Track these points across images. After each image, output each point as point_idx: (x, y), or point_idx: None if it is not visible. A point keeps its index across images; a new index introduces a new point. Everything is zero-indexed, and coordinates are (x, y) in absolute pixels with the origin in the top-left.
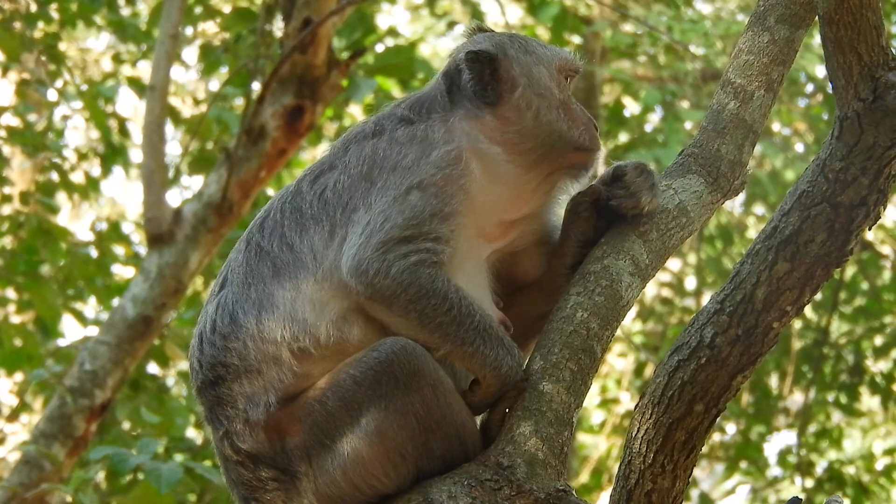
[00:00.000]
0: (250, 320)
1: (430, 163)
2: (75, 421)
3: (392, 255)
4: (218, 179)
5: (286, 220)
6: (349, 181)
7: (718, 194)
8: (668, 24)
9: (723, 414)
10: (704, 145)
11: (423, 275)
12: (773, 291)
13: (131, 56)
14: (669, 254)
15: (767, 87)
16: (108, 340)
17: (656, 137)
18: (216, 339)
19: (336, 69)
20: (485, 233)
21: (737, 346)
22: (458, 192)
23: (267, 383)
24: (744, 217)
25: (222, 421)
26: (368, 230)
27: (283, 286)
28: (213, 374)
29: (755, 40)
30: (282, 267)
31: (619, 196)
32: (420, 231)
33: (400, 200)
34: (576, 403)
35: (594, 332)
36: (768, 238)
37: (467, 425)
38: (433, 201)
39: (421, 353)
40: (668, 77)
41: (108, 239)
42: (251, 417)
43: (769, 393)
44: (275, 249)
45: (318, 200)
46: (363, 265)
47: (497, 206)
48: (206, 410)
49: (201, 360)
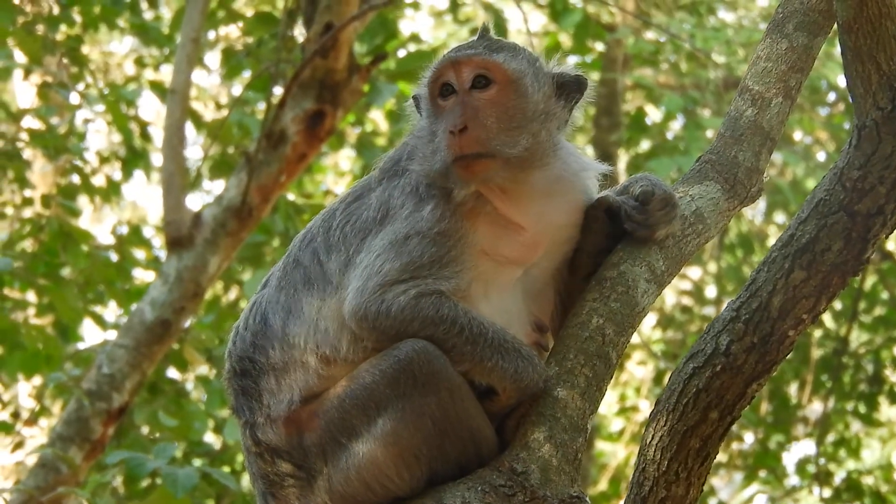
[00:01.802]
0: (278, 323)
1: (424, 217)
2: (93, 424)
3: (391, 294)
4: (238, 183)
5: (319, 236)
6: (364, 221)
7: (735, 201)
8: (691, 32)
9: (741, 422)
10: (722, 152)
11: (426, 305)
12: (789, 299)
13: (153, 60)
14: (686, 260)
15: (785, 94)
16: (127, 344)
17: (678, 145)
18: (247, 335)
19: (357, 74)
20: (507, 259)
21: (752, 353)
22: (457, 242)
23: (292, 382)
24: (764, 225)
25: (245, 411)
26: (367, 273)
27: (311, 295)
28: (240, 366)
29: (773, 47)
30: (312, 278)
31: (637, 222)
32: (419, 274)
33: (398, 245)
34: (590, 409)
35: (610, 338)
36: (785, 246)
37: (483, 430)
38: (432, 249)
39: (441, 357)
40: (690, 85)
41: (129, 242)
42: (273, 412)
43: (788, 402)
44: (307, 262)
45: (340, 230)
46: (361, 310)
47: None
48: (233, 398)
49: (232, 351)
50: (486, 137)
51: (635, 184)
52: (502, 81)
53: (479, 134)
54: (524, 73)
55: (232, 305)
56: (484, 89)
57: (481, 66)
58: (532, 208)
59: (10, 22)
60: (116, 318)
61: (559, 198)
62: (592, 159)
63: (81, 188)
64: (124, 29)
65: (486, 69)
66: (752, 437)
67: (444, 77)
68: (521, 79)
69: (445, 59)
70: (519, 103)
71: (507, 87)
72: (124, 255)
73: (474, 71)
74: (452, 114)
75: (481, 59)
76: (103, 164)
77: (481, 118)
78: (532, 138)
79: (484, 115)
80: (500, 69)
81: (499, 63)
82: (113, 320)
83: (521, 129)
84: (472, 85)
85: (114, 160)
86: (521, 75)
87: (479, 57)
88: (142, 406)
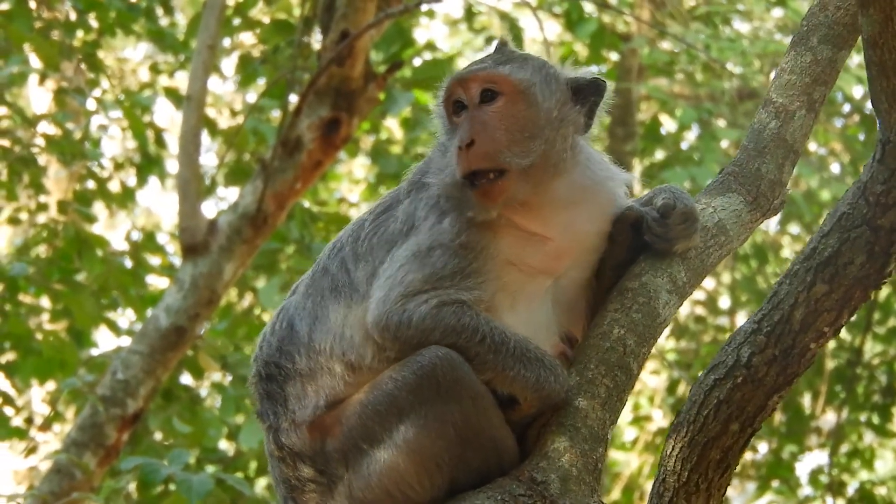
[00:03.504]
0: (304, 329)
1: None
2: (107, 430)
3: (412, 303)
4: (253, 191)
5: (348, 246)
6: (391, 233)
7: (758, 213)
8: (706, 43)
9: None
10: (745, 164)
11: (447, 314)
12: (810, 312)
13: (169, 66)
14: (708, 272)
15: (809, 106)
16: (141, 350)
17: (692, 155)
18: (273, 340)
19: (373, 82)
20: (534, 269)
21: (773, 365)
22: (479, 254)
23: (319, 388)
24: (779, 236)
25: (270, 415)
26: (389, 283)
27: (337, 303)
28: (265, 370)
29: (798, 60)
30: (339, 286)
31: (656, 234)
32: (441, 285)
33: (421, 256)
34: (611, 420)
35: (631, 349)
36: (807, 259)
37: (505, 439)
38: (454, 260)
39: (464, 365)
40: (705, 95)
41: (144, 249)
42: (298, 417)
43: (802, 412)
44: (334, 270)
45: (368, 241)
46: (383, 320)
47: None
48: (258, 402)
49: (258, 356)
50: (495, 150)
51: (658, 195)
52: (509, 92)
53: (487, 147)
54: (531, 83)
55: (246, 312)
56: (492, 102)
57: (487, 80)
58: (557, 217)
59: (26, 27)
60: (131, 325)
61: (585, 206)
62: (618, 167)
63: (97, 194)
64: (140, 35)
65: (493, 82)
66: (766, 447)
67: (454, 95)
68: (529, 88)
69: (454, 77)
70: (528, 112)
71: (514, 98)
72: (139, 261)
73: (481, 86)
74: (462, 128)
75: (486, 74)
76: (118, 170)
77: (490, 131)
78: (546, 145)
79: (493, 128)
80: (505, 81)
81: (504, 75)
82: (127, 326)
83: (533, 137)
84: (481, 99)
85: (129, 166)
86: (529, 85)
87: (485, 72)
88: (156, 412)
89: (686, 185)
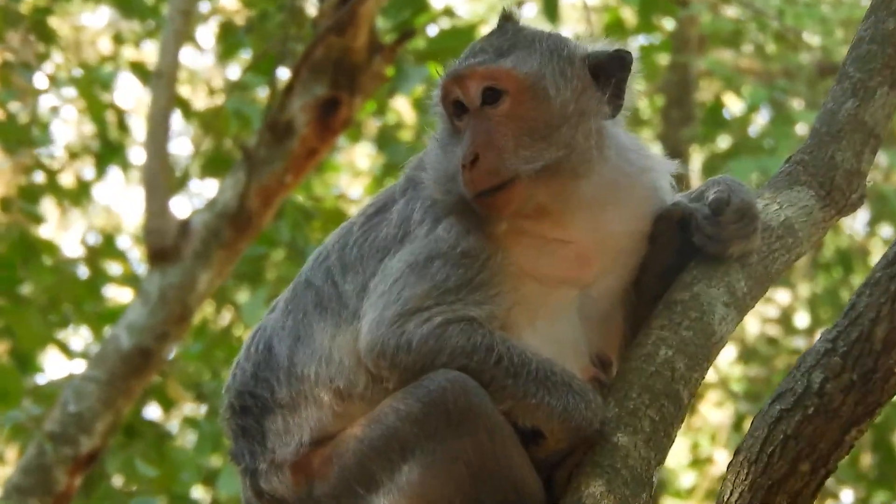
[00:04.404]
0: (284, 352)
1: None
2: (56, 473)
3: (411, 324)
4: (234, 185)
5: (334, 254)
6: (383, 239)
7: (832, 210)
8: (779, 8)
9: (838, 477)
10: (816, 151)
11: (454, 333)
12: (895, 329)
13: (134, 36)
14: (773, 280)
15: (892, 82)
16: (98, 377)
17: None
18: (248, 366)
19: (379, 55)
20: (555, 279)
21: (851, 393)
22: (487, 261)
23: (303, 421)
24: (867, 240)
25: (245, 456)
26: (383, 302)
27: (324, 321)
28: (239, 402)
29: (878, 27)
30: (325, 301)
31: (707, 235)
32: (445, 300)
33: (419, 268)
34: (656, 459)
35: (680, 374)
36: (891, 265)
37: (527, 481)
38: (459, 271)
39: (479, 391)
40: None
41: (102, 255)
42: (279, 456)
43: (894, 453)
44: (319, 282)
45: (358, 248)
46: (378, 345)
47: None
48: (232, 441)
49: (231, 385)
50: (503, 163)
51: (710, 188)
52: (515, 90)
53: (493, 163)
54: (542, 74)
55: (225, 331)
56: (495, 104)
57: (487, 78)
58: (579, 218)
59: None
60: (86, 346)
61: (616, 204)
62: (660, 155)
63: (46, 189)
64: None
65: (494, 80)
66: (852, 496)
67: (452, 94)
68: (539, 81)
69: (449, 73)
70: (540, 111)
71: (521, 96)
72: (96, 269)
73: (481, 84)
74: (464, 141)
75: (486, 70)
76: (73, 160)
77: (496, 140)
78: (564, 147)
79: (499, 136)
80: (509, 76)
81: (506, 70)
82: (81, 348)
83: (547, 139)
84: (483, 101)
85: (85, 156)
86: (538, 77)
87: (483, 67)
88: (116, 452)
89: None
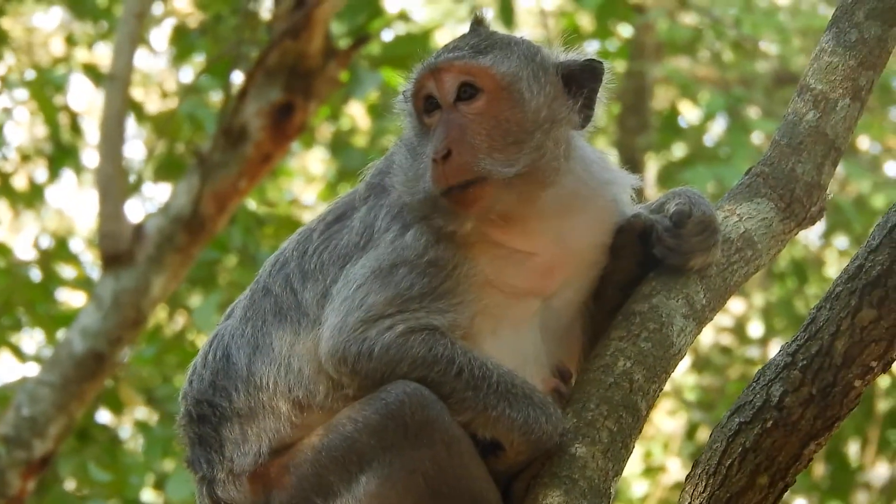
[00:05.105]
0: (242, 360)
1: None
2: (9, 477)
3: (374, 330)
4: (188, 189)
5: (293, 261)
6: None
7: (792, 223)
8: (736, 17)
9: (793, 487)
10: (776, 163)
11: (416, 342)
12: (855, 343)
13: (87, 37)
14: (731, 292)
15: (854, 94)
16: (52, 381)
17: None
18: (206, 373)
19: (334, 59)
20: (518, 290)
21: (810, 407)
22: (452, 271)
23: (261, 431)
24: (822, 251)
25: (202, 464)
26: (345, 307)
27: (282, 329)
28: (197, 410)
29: (840, 38)
30: (284, 309)
31: (668, 247)
32: (408, 308)
33: (383, 275)
34: (614, 470)
35: (638, 385)
36: (851, 279)
37: (486, 493)
38: (423, 279)
39: (437, 403)
40: (735, 79)
41: (54, 258)
42: (236, 465)
43: (847, 463)
44: (278, 290)
45: (318, 256)
46: (339, 351)
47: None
48: (188, 449)
49: (188, 392)
50: (475, 160)
51: (671, 200)
52: (491, 89)
53: (466, 159)
54: (518, 77)
55: (178, 336)
56: (470, 101)
57: (465, 73)
58: (543, 229)
59: None
60: (38, 350)
61: (579, 215)
62: (620, 168)
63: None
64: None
65: (472, 76)
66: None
67: (425, 89)
68: (515, 83)
69: (425, 66)
70: (514, 113)
71: (497, 96)
72: (49, 272)
73: (458, 79)
74: (436, 135)
75: (464, 65)
76: (25, 162)
77: (469, 138)
78: (535, 153)
79: (472, 134)
80: (487, 75)
81: (485, 67)
82: (34, 351)
83: (520, 143)
84: (458, 96)
85: (38, 158)
86: (515, 79)
87: (462, 62)
88: (68, 456)
89: (710, 189)
